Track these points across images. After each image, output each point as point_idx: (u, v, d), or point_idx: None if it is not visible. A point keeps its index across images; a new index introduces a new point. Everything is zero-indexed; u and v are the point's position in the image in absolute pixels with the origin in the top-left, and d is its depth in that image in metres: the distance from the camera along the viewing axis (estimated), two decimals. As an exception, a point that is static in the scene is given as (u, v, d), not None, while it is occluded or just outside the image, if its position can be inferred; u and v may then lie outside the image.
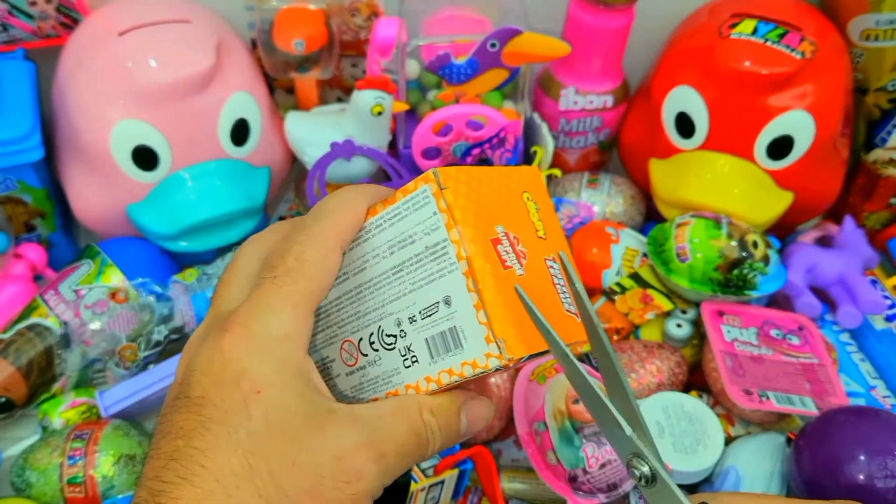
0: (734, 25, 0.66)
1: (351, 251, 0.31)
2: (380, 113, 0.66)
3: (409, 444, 0.28)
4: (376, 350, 0.30)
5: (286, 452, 0.26)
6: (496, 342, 0.26)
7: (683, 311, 0.67)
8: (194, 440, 0.26)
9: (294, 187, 0.80)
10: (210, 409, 0.26)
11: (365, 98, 0.66)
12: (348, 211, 0.30)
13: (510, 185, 0.31)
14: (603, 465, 0.53)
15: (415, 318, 0.29)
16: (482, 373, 0.27)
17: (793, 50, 0.63)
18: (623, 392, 0.26)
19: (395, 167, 0.70)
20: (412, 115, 0.71)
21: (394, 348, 0.30)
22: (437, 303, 0.28)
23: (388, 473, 0.27)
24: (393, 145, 0.72)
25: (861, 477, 0.51)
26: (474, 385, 0.31)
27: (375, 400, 0.30)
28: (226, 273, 0.31)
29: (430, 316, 0.28)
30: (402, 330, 0.29)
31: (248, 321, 0.27)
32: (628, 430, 0.25)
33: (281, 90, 0.76)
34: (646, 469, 0.24)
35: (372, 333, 0.30)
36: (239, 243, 0.69)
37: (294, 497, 0.25)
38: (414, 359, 0.29)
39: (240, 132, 0.66)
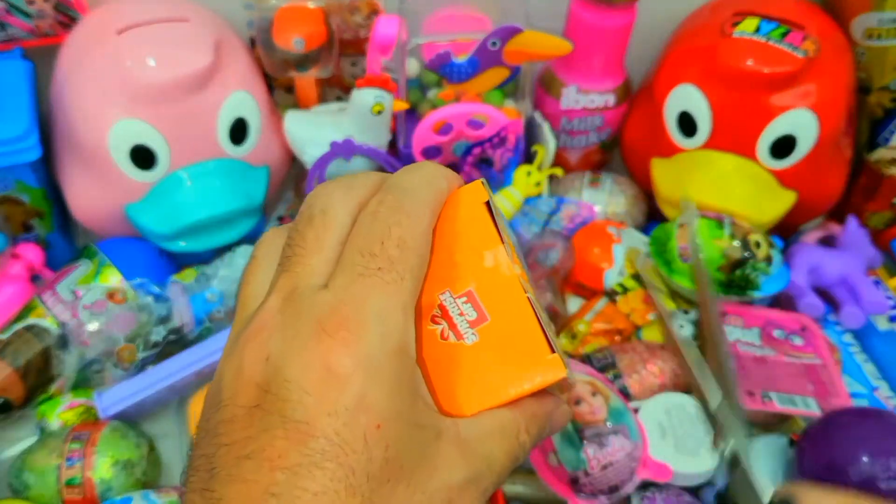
0: (736, 24, 0.65)
1: None
2: (380, 112, 0.66)
3: (505, 471, 0.26)
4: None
5: (402, 498, 0.22)
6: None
7: (685, 312, 0.66)
8: (301, 479, 0.21)
9: (293, 187, 0.79)
10: (321, 442, 0.21)
11: (365, 97, 0.65)
12: (439, 194, 0.27)
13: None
14: (605, 467, 0.53)
15: None
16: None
17: (795, 49, 0.63)
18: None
19: (395, 167, 0.70)
20: (412, 114, 0.71)
21: None
22: None
23: None
24: (393, 144, 0.72)
25: (864, 478, 0.50)
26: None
27: None
28: (315, 227, 0.25)
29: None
30: None
31: (359, 328, 0.23)
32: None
33: (280, 89, 0.76)
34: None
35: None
36: (238, 243, 0.69)
37: None
38: None
39: (238, 131, 0.66)
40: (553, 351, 0.25)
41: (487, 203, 0.27)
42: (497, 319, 0.26)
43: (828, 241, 0.73)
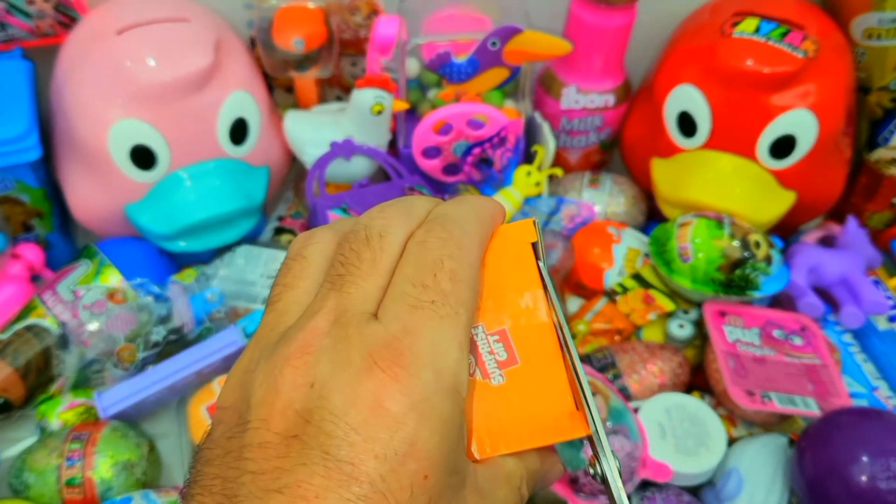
0: (736, 24, 0.65)
1: None
2: (380, 112, 0.66)
3: None
4: None
5: None
6: None
7: (685, 312, 0.66)
8: None
9: (293, 187, 0.79)
10: (366, 488, 0.20)
11: (365, 97, 0.65)
12: (487, 227, 0.26)
13: None
14: (604, 467, 0.53)
15: None
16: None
17: (795, 49, 0.63)
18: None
19: (395, 167, 0.70)
20: (412, 114, 0.71)
21: None
22: None
23: None
24: (393, 144, 0.72)
25: (864, 478, 0.50)
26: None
27: None
28: (372, 249, 0.24)
29: None
30: None
31: (414, 364, 0.21)
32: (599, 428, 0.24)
33: (280, 89, 0.76)
34: (598, 469, 0.24)
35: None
36: (238, 243, 0.69)
37: None
38: None
39: (238, 131, 0.66)
40: (578, 408, 0.24)
41: (534, 244, 0.26)
42: (526, 364, 0.25)
43: (827, 241, 0.73)
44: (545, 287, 0.26)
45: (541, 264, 0.26)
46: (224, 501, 0.20)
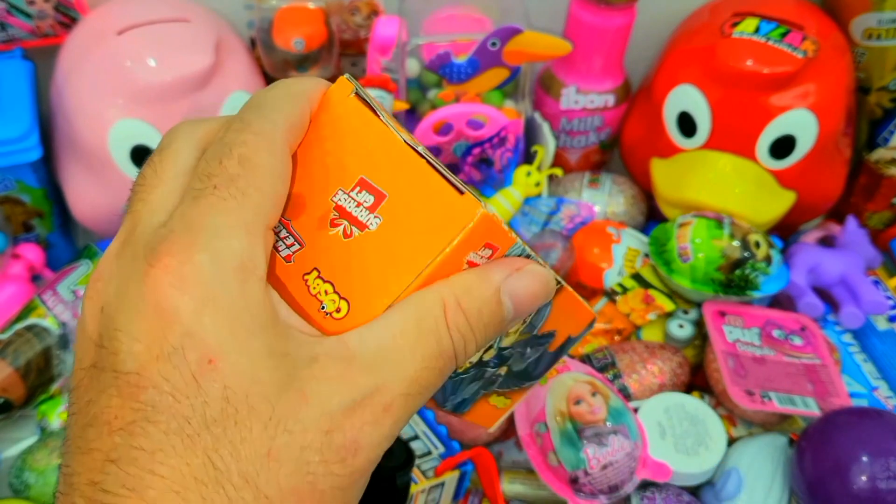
0: (736, 24, 0.65)
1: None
2: (380, 112, 0.66)
3: (427, 373, 0.22)
4: None
5: (259, 441, 0.19)
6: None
7: (685, 312, 0.67)
8: (136, 438, 0.19)
9: (294, 187, 0.79)
10: (151, 393, 0.19)
11: (365, 97, 0.65)
12: (297, 106, 0.24)
13: None
14: (604, 467, 0.53)
15: None
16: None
17: (795, 49, 0.63)
18: None
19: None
20: (412, 115, 0.71)
21: None
22: None
23: (396, 426, 0.21)
24: (393, 145, 0.72)
25: (863, 478, 0.50)
26: None
27: None
28: (153, 163, 0.23)
29: None
30: None
31: (188, 253, 0.20)
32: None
33: (280, 89, 0.76)
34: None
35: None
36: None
37: (278, 500, 0.19)
38: None
39: (239, 132, 0.66)
40: (462, 192, 0.22)
41: (357, 94, 0.25)
42: (396, 191, 0.23)
43: (827, 241, 0.73)
44: (380, 118, 0.24)
45: (373, 105, 0.25)
46: (63, 450, 0.20)
